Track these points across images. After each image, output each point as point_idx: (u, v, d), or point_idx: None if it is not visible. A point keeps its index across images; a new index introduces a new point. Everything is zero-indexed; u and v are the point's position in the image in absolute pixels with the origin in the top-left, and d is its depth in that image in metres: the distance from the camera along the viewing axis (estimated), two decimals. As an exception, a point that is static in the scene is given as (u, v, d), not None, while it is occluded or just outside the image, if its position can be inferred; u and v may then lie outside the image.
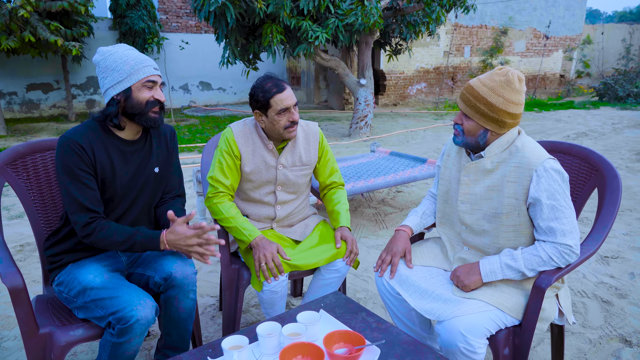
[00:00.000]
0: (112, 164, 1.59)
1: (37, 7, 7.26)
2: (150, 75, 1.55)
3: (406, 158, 4.14)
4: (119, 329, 1.43)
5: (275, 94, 1.79)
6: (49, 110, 10.93)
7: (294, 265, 1.81)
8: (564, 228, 1.43)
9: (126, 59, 1.52)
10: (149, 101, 1.56)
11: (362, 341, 1.27)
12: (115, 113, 1.55)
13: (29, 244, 3.33)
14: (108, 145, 1.59)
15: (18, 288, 1.41)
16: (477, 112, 1.50)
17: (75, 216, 1.52)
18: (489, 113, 1.48)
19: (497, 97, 1.46)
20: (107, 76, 1.53)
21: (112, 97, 1.54)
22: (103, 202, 1.60)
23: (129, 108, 1.55)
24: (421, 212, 1.87)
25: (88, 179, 1.53)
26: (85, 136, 1.54)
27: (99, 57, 1.56)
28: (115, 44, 1.60)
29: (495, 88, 1.47)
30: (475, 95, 1.49)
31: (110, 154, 1.59)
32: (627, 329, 2.23)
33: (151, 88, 1.57)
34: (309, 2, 6.35)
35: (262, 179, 1.96)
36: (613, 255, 3.07)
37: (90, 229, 1.52)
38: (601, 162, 1.73)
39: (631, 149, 6.51)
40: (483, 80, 1.50)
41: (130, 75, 1.52)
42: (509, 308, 1.48)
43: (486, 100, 1.47)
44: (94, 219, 1.53)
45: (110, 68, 1.53)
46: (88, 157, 1.53)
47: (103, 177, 1.57)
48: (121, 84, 1.53)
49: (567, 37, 15.30)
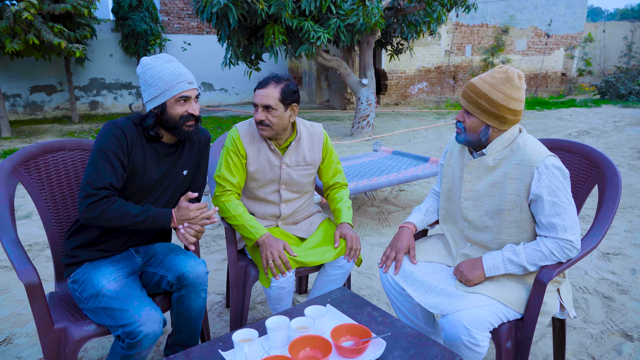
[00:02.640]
0: (145, 161, 1.66)
1: (41, 9, 7.30)
2: (184, 91, 1.62)
3: (409, 157, 4.17)
4: (128, 343, 1.46)
5: (255, 89, 1.88)
6: (53, 112, 10.99)
7: (300, 261, 1.85)
8: (565, 224, 1.47)
9: (162, 75, 1.59)
10: (183, 116, 1.63)
11: (368, 334, 1.31)
12: (152, 125, 1.64)
13: (37, 243, 3.38)
14: (145, 143, 1.67)
15: (34, 284, 1.45)
16: (478, 108, 1.54)
17: (90, 188, 1.52)
18: (490, 109, 1.52)
19: (498, 93, 1.50)
20: (146, 90, 1.63)
21: (150, 110, 1.63)
22: (124, 192, 1.65)
23: (164, 121, 1.64)
24: (424, 210, 1.90)
25: (117, 164, 1.58)
26: (129, 128, 1.62)
27: (140, 69, 1.64)
28: (157, 55, 1.66)
29: (495, 85, 1.51)
30: (476, 92, 1.53)
31: (146, 151, 1.67)
32: (628, 324, 2.26)
33: (185, 102, 1.63)
34: (310, 3, 6.38)
35: (267, 178, 2.00)
36: (614, 252, 3.10)
37: (102, 201, 1.53)
38: (601, 159, 1.77)
39: (633, 147, 6.53)
40: (484, 77, 1.54)
41: (164, 92, 1.60)
42: (511, 302, 1.51)
43: (487, 96, 1.51)
44: (111, 194, 1.57)
45: (148, 83, 1.61)
46: (126, 146, 1.60)
47: (133, 170, 1.64)
48: (157, 99, 1.61)
49: (569, 35, 15.30)
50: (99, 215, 1.54)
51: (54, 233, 1.90)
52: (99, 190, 1.54)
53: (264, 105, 1.84)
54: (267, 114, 1.85)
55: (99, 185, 1.54)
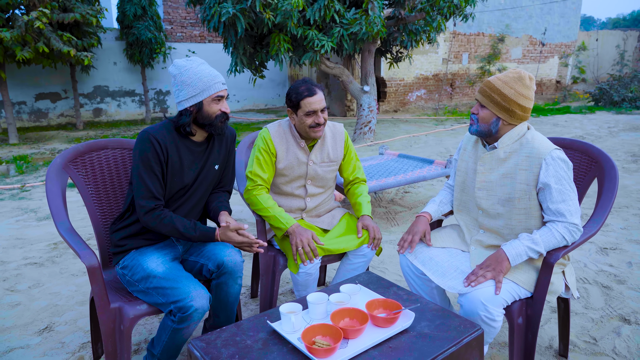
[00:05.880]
0: (181, 162, 1.82)
1: (51, 18, 7.49)
2: (220, 90, 1.78)
3: (414, 159, 4.35)
4: (179, 317, 1.62)
5: (306, 97, 2.01)
6: (57, 119, 11.14)
7: (327, 249, 2.02)
8: (570, 209, 1.65)
9: (200, 76, 1.74)
10: (218, 114, 1.80)
11: (398, 307, 1.47)
12: (188, 123, 1.79)
13: (62, 242, 3.53)
14: (180, 145, 1.82)
15: (94, 266, 1.61)
16: (491, 101, 1.74)
17: (144, 201, 1.73)
18: (502, 102, 1.72)
19: (510, 89, 1.71)
20: (182, 89, 1.76)
21: (186, 108, 1.77)
22: (168, 192, 1.82)
23: (200, 119, 1.79)
24: (439, 201, 2.08)
25: (159, 171, 1.75)
26: (162, 134, 1.77)
27: (175, 70, 1.78)
28: (189, 58, 1.81)
29: (508, 82, 1.72)
30: (491, 87, 1.74)
31: (181, 152, 1.82)
32: (625, 309, 2.43)
33: (219, 101, 1.80)
34: (315, 13, 6.61)
35: (294, 174, 2.17)
36: (612, 247, 3.28)
37: (154, 214, 1.73)
38: (599, 155, 1.95)
39: (627, 151, 6.76)
40: (499, 76, 1.75)
41: (202, 91, 1.75)
42: (523, 281, 1.69)
43: (500, 91, 1.72)
44: (159, 206, 1.75)
45: (185, 83, 1.75)
46: (163, 153, 1.75)
47: (172, 172, 1.80)
48: (194, 97, 1.76)
49: (563, 43, 15.64)
50: (153, 227, 1.77)
51: (99, 224, 2.06)
52: (150, 203, 1.74)
53: (322, 108, 2.04)
54: (324, 115, 2.05)
55: (150, 200, 1.74)
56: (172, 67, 1.80)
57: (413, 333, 1.42)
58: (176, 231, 1.76)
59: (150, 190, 1.73)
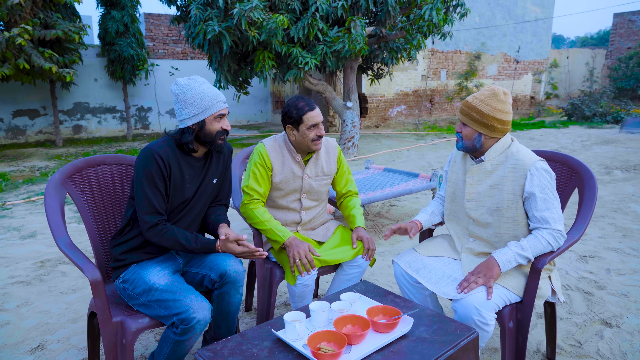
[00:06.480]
0: (183, 177, 1.86)
1: (32, 35, 7.44)
2: (221, 109, 1.84)
3: (400, 173, 4.46)
4: (182, 329, 1.65)
5: (308, 111, 2.09)
6: (35, 136, 10.96)
7: (323, 260, 2.07)
8: (554, 216, 1.75)
9: (202, 95, 1.80)
10: (219, 131, 1.85)
11: (397, 313, 1.54)
12: (191, 140, 1.84)
13: (49, 260, 3.48)
14: (181, 160, 1.86)
15: (97, 280, 1.63)
16: (471, 119, 1.85)
17: (148, 217, 1.76)
18: (481, 119, 1.83)
19: (486, 106, 1.82)
20: (185, 108, 1.81)
21: (188, 126, 1.82)
22: (170, 206, 1.85)
23: (201, 136, 1.85)
24: (430, 211, 2.17)
25: (162, 187, 1.78)
26: (165, 151, 1.81)
27: (177, 89, 1.82)
28: (191, 77, 1.86)
29: (484, 99, 1.83)
30: (469, 106, 1.86)
31: (182, 168, 1.86)
32: (607, 313, 2.55)
33: (221, 119, 1.85)
34: (299, 31, 6.75)
35: (290, 188, 2.23)
36: (591, 255, 3.42)
37: (157, 229, 1.77)
38: (579, 166, 2.07)
39: (600, 164, 7.03)
40: (475, 95, 1.87)
41: (205, 110, 1.81)
42: (513, 286, 1.77)
43: (477, 109, 1.83)
44: (161, 221, 1.78)
45: (188, 102, 1.80)
46: (166, 169, 1.79)
47: (174, 187, 1.84)
48: (197, 116, 1.81)
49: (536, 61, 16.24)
50: (156, 241, 1.81)
51: (97, 240, 2.07)
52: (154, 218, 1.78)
53: (322, 120, 2.13)
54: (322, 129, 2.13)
55: (153, 216, 1.78)
56: (174, 86, 1.84)
57: (412, 337, 1.48)
58: (178, 244, 1.79)
59: (154, 206, 1.77)
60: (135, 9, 10.51)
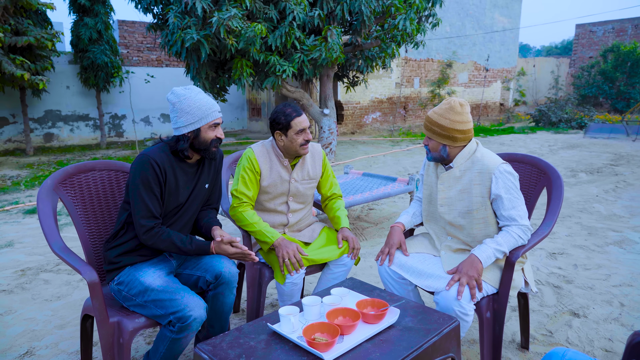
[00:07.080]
0: (177, 182, 1.93)
1: (3, 42, 7.30)
2: (216, 118, 1.92)
3: (378, 177, 4.60)
4: (179, 327, 1.71)
5: (295, 117, 2.19)
6: (4, 144, 10.65)
7: (311, 259, 2.16)
8: (520, 213, 1.91)
9: (198, 105, 1.87)
10: (213, 139, 1.92)
11: (385, 305, 1.64)
12: (186, 148, 1.90)
13: (30, 268, 3.45)
14: (176, 166, 1.93)
15: (95, 282, 1.68)
16: (433, 133, 2.00)
17: (144, 220, 1.81)
18: (442, 132, 1.97)
19: (445, 119, 1.96)
20: (181, 117, 1.87)
21: (184, 134, 1.88)
22: (164, 210, 1.91)
23: (196, 144, 1.91)
24: (412, 213, 2.29)
25: (158, 192, 1.84)
26: (160, 157, 1.87)
27: (174, 98, 1.88)
28: (187, 87, 1.92)
29: (442, 114, 1.98)
30: (430, 121, 2.01)
31: (177, 174, 1.93)
32: (574, 305, 2.73)
33: (215, 128, 1.93)
34: (276, 39, 6.86)
35: (277, 191, 2.31)
36: (559, 252, 3.63)
37: (154, 232, 1.83)
38: (547, 167, 2.24)
39: (566, 167, 7.38)
40: (435, 109, 2.02)
41: (201, 119, 1.88)
42: (489, 278, 1.91)
43: (437, 123, 1.98)
44: (157, 225, 1.84)
45: (184, 111, 1.86)
46: (161, 174, 1.85)
47: (169, 192, 1.90)
48: (193, 125, 1.87)
49: (504, 69, 16.84)
50: (152, 244, 1.86)
51: (88, 244, 2.10)
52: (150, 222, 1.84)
53: (308, 126, 2.21)
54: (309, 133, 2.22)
55: (150, 220, 1.84)
56: (170, 95, 1.90)
57: (399, 327, 1.58)
58: (174, 246, 1.85)
59: (150, 210, 1.83)
60: (109, 16, 10.41)
